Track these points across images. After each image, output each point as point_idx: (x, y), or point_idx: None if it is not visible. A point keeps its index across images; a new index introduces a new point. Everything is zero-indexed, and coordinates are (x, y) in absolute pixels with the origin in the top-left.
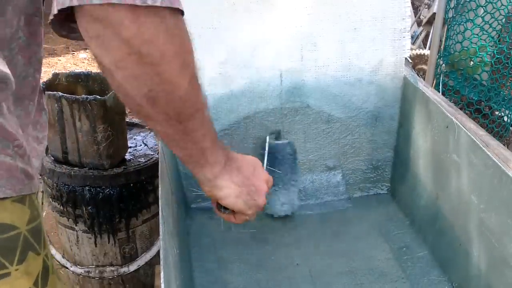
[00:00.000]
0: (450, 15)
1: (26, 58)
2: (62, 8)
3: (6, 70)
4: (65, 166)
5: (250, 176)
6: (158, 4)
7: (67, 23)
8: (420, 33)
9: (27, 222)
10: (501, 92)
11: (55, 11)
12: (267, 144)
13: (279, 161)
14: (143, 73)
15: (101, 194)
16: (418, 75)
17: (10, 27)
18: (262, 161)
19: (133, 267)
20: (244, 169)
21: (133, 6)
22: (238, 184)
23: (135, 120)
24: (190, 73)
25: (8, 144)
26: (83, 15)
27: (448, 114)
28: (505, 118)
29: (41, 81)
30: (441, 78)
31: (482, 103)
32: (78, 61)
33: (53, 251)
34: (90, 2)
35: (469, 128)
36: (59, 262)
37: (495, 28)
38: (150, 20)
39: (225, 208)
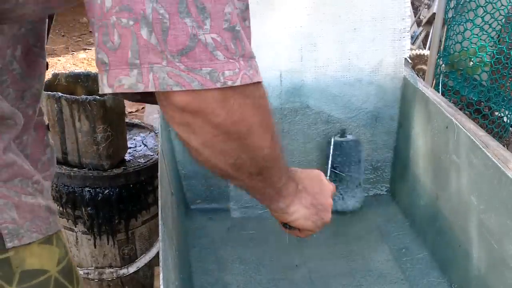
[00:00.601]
0: (450, 15)
1: (19, 91)
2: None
3: (12, 107)
4: (64, 167)
5: (317, 194)
6: (244, 82)
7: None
8: (420, 33)
9: (57, 263)
10: (501, 93)
11: (149, 88)
12: (331, 146)
13: (345, 160)
14: (230, 148)
15: (100, 195)
16: (417, 75)
17: (1, 57)
18: (327, 163)
19: (132, 268)
20: (310, 188)
21: (221, 89)
22: (307, 206)
23: (135, 120)
24: (271, 132)
25: (27, 182)
26: (168, 103)
27: (448, 115)
28: (505, 119)
29: (45, 119)
30: (440, 78)
31: (482, 103)
32: (78, 61)
33: None
34: (171, 88)
35: (469, 128)
36: None
37: (494, 28)
38: (238, 100)
39: (290, 226)
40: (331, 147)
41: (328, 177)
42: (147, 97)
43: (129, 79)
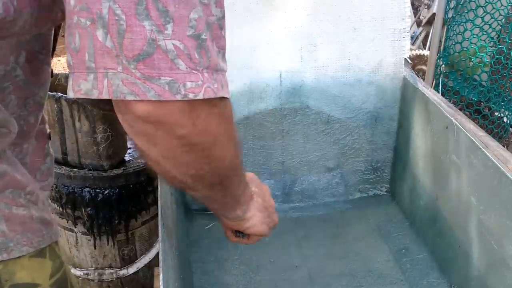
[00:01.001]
0: (450, 15)
1: (21, 98)
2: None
3: (7, 114)
4: (64, 167)
5: (264, 197)
6: (208, 96)
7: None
8: (420, 33)
9: (49, 276)
10: (501, 93)
11: (103, 95)
12: None
13: None
14: (193, 159)
15: (100, 195)
16: (417, 75)
17: (4, 63)
18: None
19: (132, 269)
20: (259, 190)
21: (187, 102)
22: (260, 210)
23: None
24: (234, 142)
25: (19, 193)
26: (128, 111)
27: (448, 115)
28: (505, 119)
29: (47, 127)
30: (440, 78)
31: (482, 103)
32: None
33: None
34: (125, 97)
35: (469, 129)
36: None
37: (494, 28)
38: (205, 110)
39: (243, 234)
40: None
41: None
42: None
43: (86, 84)
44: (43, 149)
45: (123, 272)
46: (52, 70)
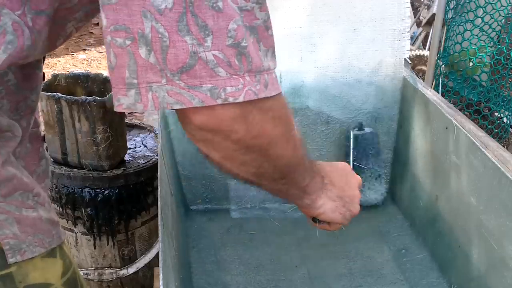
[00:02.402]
0: (450, 16)
1: (13, 103)
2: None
3: (9, 119)
4: (64, 168)
5: (343, 187)
6: (248, 98)
7: None
8: (420, 34)
9: (61, 275)
10: (501, 93)
11: (148, 108)
12: (351, 140)
13: (365, 152)
14: (251, 159)
15: (100, 195)
16: (417, 76)
17: None
18: (347, 157)
19: (132, 269)
20: (337, 181)
21: (238, 105)
22: (333, 199)
23: (135, 121)
24: (293, 140)
25: (28, 195)
26: (187, 122)
27: (448, 115)
28: (505, 119)
29: (41, 130)
30: (440, 79)
31: (482, 104)
32: (78, 62)
33: None
34: (172, 106)
35: (469, 129)
36: None
37: (494, 29)
38: (257, 115)
39: (319, 220)
40: (351, 140)
41: None
42: None
43: (127, 99)
44: (37, 152)
45: (123, 272)
46: (43, 74)
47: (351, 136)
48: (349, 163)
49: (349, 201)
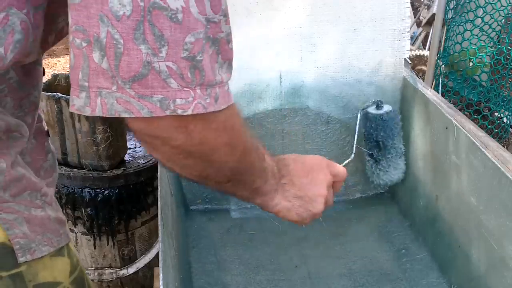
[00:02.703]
0: (450, 16)
1: (17, 100)
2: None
3: (16, 119)
4: (64, 168)
5: (305, 186)
6: (197, 112)
7: None
8: (420, 34)
9: (69, 274)
10: (501, 93)
11: (96, 112)
12: (358, 121)
13: (392, 131)
14: (193, 163)
15: (100, 195)
16: (417, 76)
17: None
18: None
19: (132, 269)
20: (297, 180)
21: (178, 118)
22: (289, 199)
23: None
24: (241, 148)
25: (36, 195)
26: (130, 124)
27: (448, 115)
28: (505, 119)
29: (44, 125)
30: (440, 79)
31: (482, 104)
32: None
33: None
34: (120, 114)
35: (469, 129)
36: None
37: (494, 29)
38: (198, 125)
39: None
40: (357, 122)
41: (369, 153)
42: None
43: (78, 100)
44: (43, 146)
45: (123, 272)
46: (44, 69)
47: (358, 118)
48: (367, 144)
49: (309, 200)
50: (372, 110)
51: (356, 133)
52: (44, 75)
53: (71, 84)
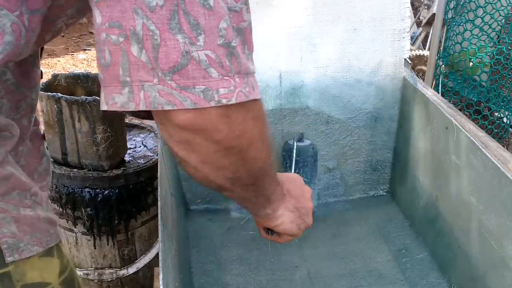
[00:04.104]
0: (450, 16)
1: (13, 102)
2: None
3: (7, 119)
4: (64, 168)
5: (299, 198)
6: (240, 100)
7: None
8: (420, 34)
9: (58, 274)
10: (501, 93)
11: (140, 107)
12: (294, 150)
13: (302, 164)
14: (230, 162)
15: (100, 195)
16: (417, 76)
17: None
18: (287, 169)
19: (132, 269)
20: (293, 191)
21: (224, 108)
22: (291, 209)
23: (135, 121)
24: (268, 142)
25: (25, 194)
26: (168, 121)
27: (448, 115)
28: (505, 119)
29: (41, 128)
30: (440, 79)
31: (482, 104)
32: (78, 62)
33: None
34: (162, 107)
35: (469, 129)
36: None
37: (494, 29)
38: (240, 115)
39: (272, 231)
40: (294, 151)
41: None
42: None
43: (121, 97)
44: (38, 150)
45: (123, 272)
46: (41, 71)
47: (294, 147)
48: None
49: (305, 212)
50: (296, 142)
51: (293, 163)
52: (42, 77)
53: (106, 83)
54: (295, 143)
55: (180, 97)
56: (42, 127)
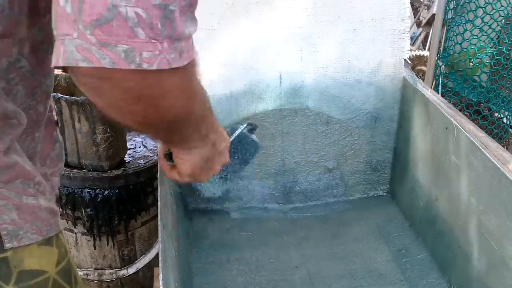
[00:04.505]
0: (450, 16)
1: (29, 89)
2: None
3: (15, 107)
4: (64, 168)
5: (215, 156)
6: (162, 67)
7: None
8: (420, 34)
9: (56, 263)
10: (501, 94)
11: (59, 63)
12: (236, 134)
13: (242, 155)
14: (139, 109)
15: (100, 196)
16: (417, 76)
17: (7, 55)
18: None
19: (132, 269)
20: (213, 148)
21: (139, 71)
22: (202, 156)
23: None
24: (189, 95)
25: (29, 183)
26: (74, 71)
27: (448, 116)
28: (505, 120)
29: (54, 114)
30: (440, 79)
31: (482, 104)
32: None
33: None
34: (77, 63)
35: (469, 129)
36: None
37: (494, 29)
38: (156, 79)
39: (171, 159)
40: (235, 134)
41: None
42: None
43: (54, 52)
44: (51, 136)
45: (123, 272)
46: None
47: (237, 132)
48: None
49: (208, 169)
50: (245, 129)
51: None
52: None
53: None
54: (243, 130)
55: (98, 54)
56: (55, 114)
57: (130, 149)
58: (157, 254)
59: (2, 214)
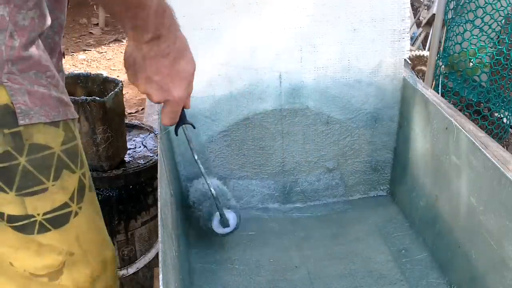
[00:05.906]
0: (450, 16)
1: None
2: None
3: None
4: None
5: (181, 60)
6: None
7: None
8: (420, 34)
9: (61, 143)
10: (501, 94)
11: None
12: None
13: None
14: None
15: (100, 196)
16: (417, 76)
17: None
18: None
19: (132, 269)
20: (179, 50)
21: None
22: (169, 51)
23: (135, 121)
24: None
25: (41, 75)
26: None
27: (448, 116)
28: (504, 120)
29: (62, 46)
30: (440, 79)
31: (482, 104)
32: (77, 62)
33: None
34: None
35: (469, 129)
36: None
37: (494, 29)
38: None
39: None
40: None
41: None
42: None
43: None
44: (58, 65)
45: (123, 272)
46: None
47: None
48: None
49: (161, 88)
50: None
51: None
52: (68, 4)
53: None
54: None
55: None
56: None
57: (130, 149)
58: (157, 254)
59: (16, 95)
